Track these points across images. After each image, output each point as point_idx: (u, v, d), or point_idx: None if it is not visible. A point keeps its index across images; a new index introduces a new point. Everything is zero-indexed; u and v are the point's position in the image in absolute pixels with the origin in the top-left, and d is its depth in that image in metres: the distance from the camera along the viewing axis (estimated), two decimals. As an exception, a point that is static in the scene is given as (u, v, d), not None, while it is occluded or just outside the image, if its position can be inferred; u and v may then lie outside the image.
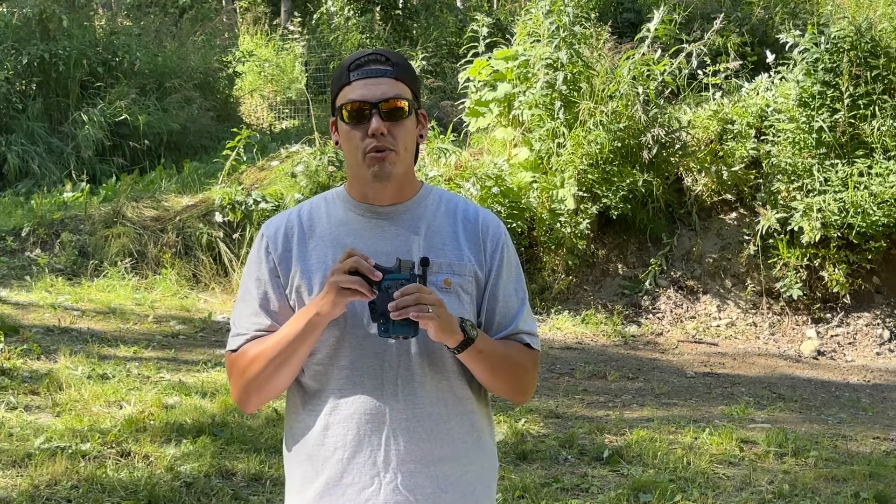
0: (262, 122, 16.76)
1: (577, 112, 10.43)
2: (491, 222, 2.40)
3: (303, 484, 2.34)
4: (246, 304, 2.36)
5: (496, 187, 10.00)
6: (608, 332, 9.71)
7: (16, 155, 13.08)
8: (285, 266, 2.33)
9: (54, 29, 14.07)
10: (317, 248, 2.33)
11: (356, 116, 2.26)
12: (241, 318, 2.36)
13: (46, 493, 4.91)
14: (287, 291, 2.33)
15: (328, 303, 2.18)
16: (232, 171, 11.47)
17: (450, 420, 2.30)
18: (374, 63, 2.28)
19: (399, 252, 2.29)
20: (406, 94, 2.29)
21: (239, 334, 2.36)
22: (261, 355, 2.29)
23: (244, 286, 2.38)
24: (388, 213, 2.34)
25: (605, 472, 5.75)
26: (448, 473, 2.30)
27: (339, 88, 2.30)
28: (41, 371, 6.84)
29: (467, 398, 2.34)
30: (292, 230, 2.35)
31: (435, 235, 2.32)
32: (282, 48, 18.05)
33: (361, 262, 2.15)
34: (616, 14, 15.04)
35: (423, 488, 2.28)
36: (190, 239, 10.42)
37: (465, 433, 2.33)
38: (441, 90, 15.95)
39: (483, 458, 2.38)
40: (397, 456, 2.27)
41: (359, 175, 2.32)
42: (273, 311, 2.33)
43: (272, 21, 20.37)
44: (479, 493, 2.37)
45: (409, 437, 2.26)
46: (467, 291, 2.32)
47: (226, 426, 5.96)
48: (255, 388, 2.31)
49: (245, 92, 17.12)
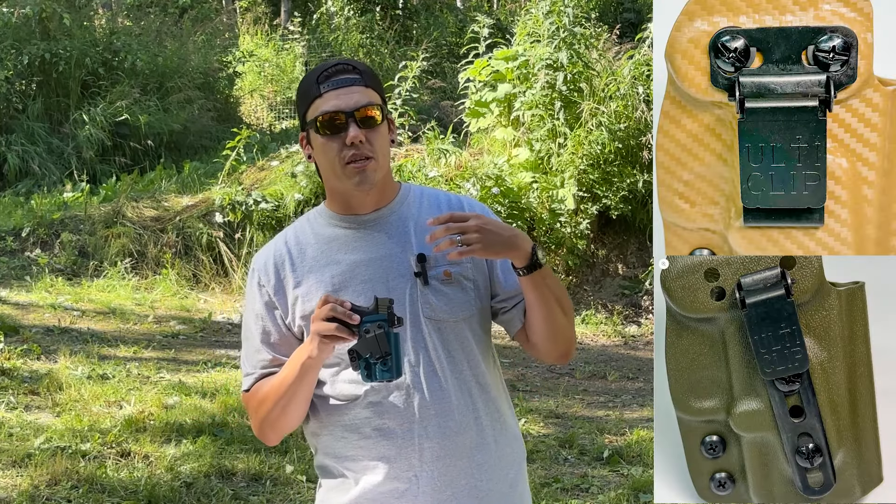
0: (262, 122, 16.75)
1: (578, 112, 10.43)
2: (475, 205, 2.40)
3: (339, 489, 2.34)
4: (249, 342, 2.37)
5: (496, 187, 10.00)
6: (608, 332, 9.72)
7: (16, 155, 13.07)
8: (281, 296, 2.32)
9: (54, 28, 14.06)
10: (312, 270, 2.32)
11: (332, 127, 2.23)
12: (247, 357, 2.38)
13: (46, 493, 4.91)
14: (289, 321, 2.32)
15: (314, 348, 2.17)
16: (232, 171, 11.47)
17: (477, 409, 2.31)
18: (342, 73, 2.26)
19: (394, 254, 2.30)
20: (377, 101, 2.27)
21: (248, 374, 2.37)
22: (267, 397, 2.30)
23: (245, 324, 2.39)
24: (373, 219, 2.33)
25: (605, 472, 5.75)
26: (482, 462, 2.31)
27: (310, 102, 2.27)
28: (41, 371, 6.84)
29: (488, 385, 2.35)
30: (282, 259, 2.34)
31: (425, 231, 2.30)
32: (282, 48, 18.05)
33: (337, 308, 2.12)
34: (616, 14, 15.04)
35: (459, 480, 2.29)
36: (190, 239, 10.42)
37: (493, 419, 2.34)
38: (441, 90, 15.95)
39: (512, 442, 2.39)
40: (431, 452, 2.27)
41: (339, 186, 2.30)
42: (275, 343, 2.33)
43: (272, 21, 20.36)
44: (513, 476, 2.38)
45: (441, 433, 2.27)
46: (468, 278, 2.32)
47: (226, 426, 5.96)
48: (269, 425, 2.33)
49: (245, 92, 17.11)
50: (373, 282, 2.28)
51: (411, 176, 10.52)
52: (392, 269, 2.29)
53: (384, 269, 2.29)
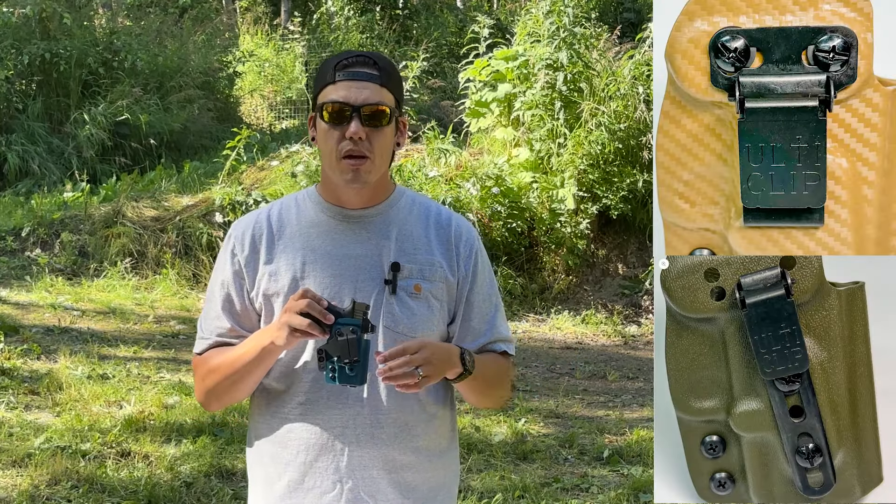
0: (262, 122, 16.75)
1: (578, 112, 10.43)
2: (464, 227, 2.37)
3: (265, 485, 2.32)
4: (210, 305, 2.35)
5: (496, 187, 10.00)
6: (608, 332, 9.72)
7: (16, 155, 13.07)
8: (251, 268, 2.30)
9: (54, 28, 14.06)
10: (286, 249, 2.30)
11: (336, 117, 2.22)
12: (205, 320, 2.36)
13: (46, 493, 4.91)
14: (253, 294, 2.31)
15: (281, 337, 2.15)
16: (232, 171, 11.47)
17: (414, 427, 2.28)
18: (361, 66, 2.24)
19: (369, 255, 2.28)
20: (389, 102, 2.25)
21: (203, 338, 2.36)
22: (218, 369, 2.29)
23: (210, 287, 2.37)
24: (359, 216, 2.31)
25: (605, 472, 5.75)
26: (410, 481, 2.28)
27: (323, 86, 2.26)
28: (41, 371, 6.84)
29: (432, 404, 2.31)
30: (261, 232, 2.32)
31: (406, 240, 2.30)
32: (282, 48, 18.05)
33: (314, 306, 2.11)
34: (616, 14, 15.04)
35: (384, 494, 2.26)
36: (190, 239, 10.42)
37: (430, 441, 2.31)
38: (441, 90, 15.96)
39: (445, 465, 2.36)
40: (360, 461, 2.25)
41: (332, 177, 2.29)
42: (236, 312, 2.32)
43: (272, 21, 20.37)
44: (441, 500, 2.35)
45: (372, 443, 2.25)
46: (437, 298, 2.29)
47: (226, 426, 5.96)
48: (215, 396, 2.33)
49: (245, 92, 17.11)
50: (341, 278, 2.26)
51: (411, 176, 10.52)
52: (363, 270, 2.27)
53: (356, 268, 2.27)
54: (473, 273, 2.34)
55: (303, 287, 2.19)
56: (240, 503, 5.04)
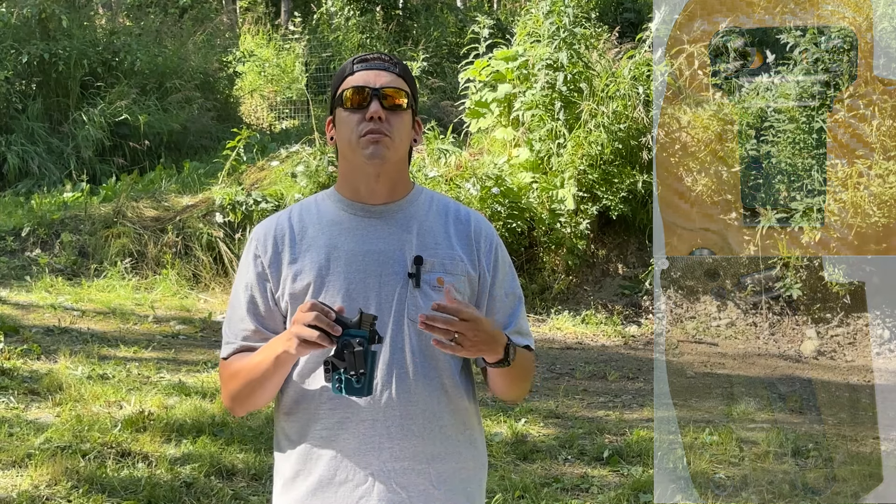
0: (262, 122, 16.75)
1: (578, 113, 10.43)
2: (483, 223, 2.41)
3: (294, 480, 2.33)
4: (234, 309, 2.37)
5: (496, 187, 10.00)
6: (608, 332, 9.71)
7: (16, 155, 13.07)
8: (275, 270, 2.33)
9: (54, 28, 14.05)
10: (310, 249, 2.33)
11: (356, 101, 2.28)
12: (230, 324, 2.38)
13: (46, 493, 4.91)
14: (278, 295, 2.33)
15: (292, 348, 2.17)
16: (232, 171, 11.47)
17: (443, 417, 2.31)
18: (380, 59, 2.34)
19: (392, 250, 2.30)
20: (406, 88, 2.32)
21: (228, 342, 2.38)
22: (240, 374, 2.31)
23: (234, 290, 2.39)
24: (380, 211, 2.34)
25: (605, 472, 5.75)
26: (441, 471, 2.31)
27: (342, 80, 2.33)
28: (41, 371, 6.84)
29: (458, 396, 2.34)
30: (283, 233, 2.35)
31: (427, 234, 2.33)
32: (282, 48, 18.06)
33: (322, 318, 2.12)
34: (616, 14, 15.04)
35: (416, 485, 2.29)
36: (190, 239, 10.42)
37: (458, 430, 2.34)
38: (441, 90, 15.96)
39: (475, 456, 2.39)
40: (391, 453, 2.27)
41: (352, 163, 2.32)
42: (260, 314, 2.34)
43: (273, 21, 20.37)
44: (472, 490, 2.38)
45: (403, 435, 2.27)
46: (459, 291, 2.32)
47: (226, 426, 5.96)
48: (238, 402, 2.35)
49: (245, 92, 17.12)
50: (366, 273, 2.29)
51: (412, 176, 10.50)
52: (387, 265, 2.30)
53: (380, 263, 2.30)
54: (494, 268, 2.38)
55: (310, 300, 2.20)
56: (240, 503, 5.04)
